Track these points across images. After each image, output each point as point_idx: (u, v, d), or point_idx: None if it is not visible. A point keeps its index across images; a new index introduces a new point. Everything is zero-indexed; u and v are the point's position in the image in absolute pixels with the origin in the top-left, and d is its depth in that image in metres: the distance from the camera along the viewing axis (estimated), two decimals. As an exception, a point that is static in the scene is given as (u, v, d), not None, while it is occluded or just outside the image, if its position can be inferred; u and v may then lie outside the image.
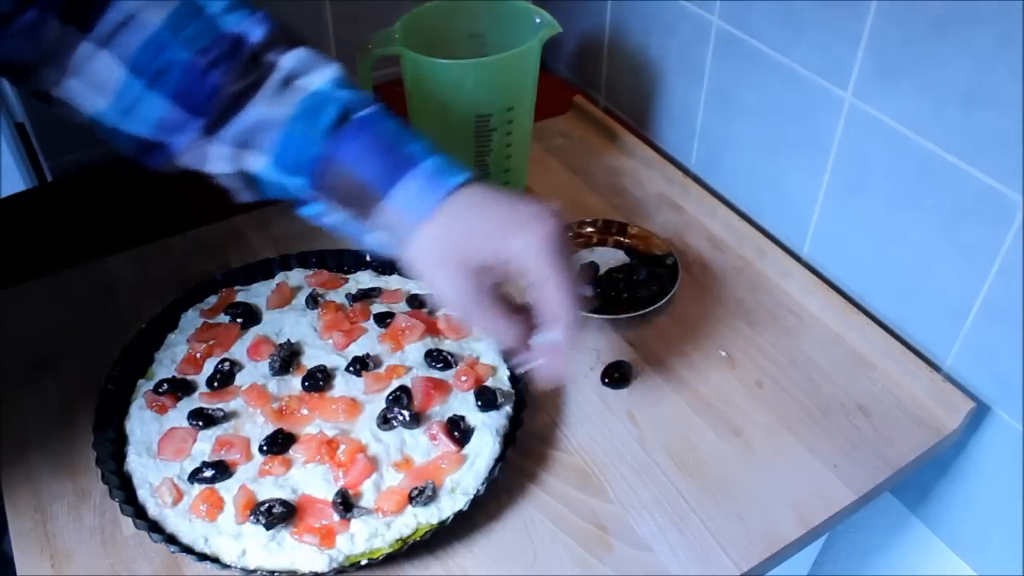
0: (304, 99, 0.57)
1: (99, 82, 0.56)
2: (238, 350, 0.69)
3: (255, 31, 0.57)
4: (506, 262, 0.54)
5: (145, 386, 0.67)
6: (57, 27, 0.55)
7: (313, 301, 0.73)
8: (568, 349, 0.56)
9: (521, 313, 0.57)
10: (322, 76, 0.57)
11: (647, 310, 0.76)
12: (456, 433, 0.62)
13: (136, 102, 0.57)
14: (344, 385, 0.66)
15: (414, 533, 0.58)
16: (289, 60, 0.57)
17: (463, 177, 0.56)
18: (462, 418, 0.64)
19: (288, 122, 0.56)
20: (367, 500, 0.59)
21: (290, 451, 0.62)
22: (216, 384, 0.66)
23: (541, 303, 0.55)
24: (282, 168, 0.57)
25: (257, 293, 0.74)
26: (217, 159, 0.58)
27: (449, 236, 0.55)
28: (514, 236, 0.54)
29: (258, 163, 0.58)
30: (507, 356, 0.61)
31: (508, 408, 0.66)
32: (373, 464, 0.61)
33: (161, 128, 0.57)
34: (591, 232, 0.85)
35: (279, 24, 0.58)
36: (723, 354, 0.74)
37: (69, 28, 0.55)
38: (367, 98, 0.58)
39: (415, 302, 0.73)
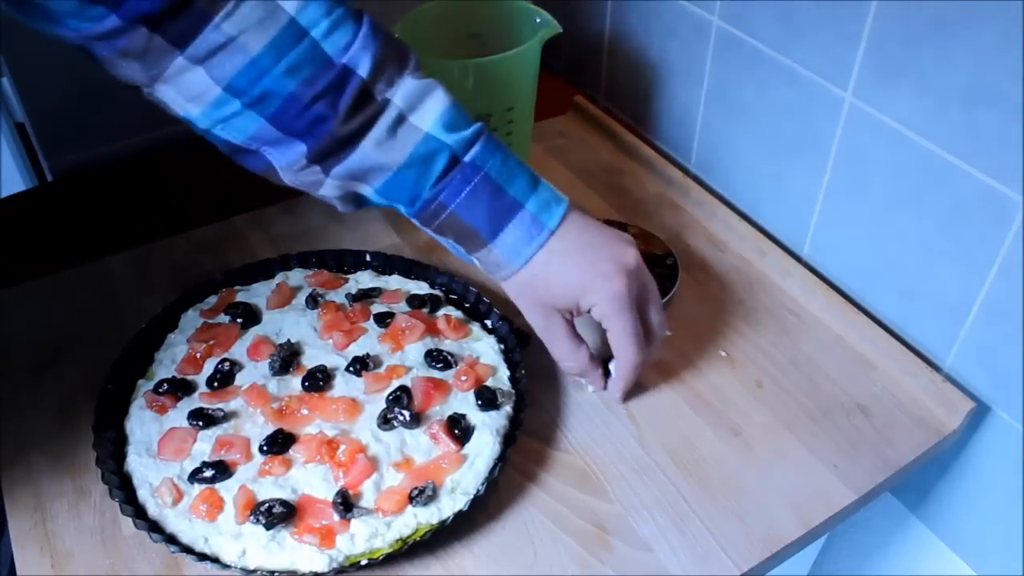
0: (417, 146, 0.59)
1: (193, 94, 0.58)
2: (238, 350, 0.69)
3: (363, 61, 0.58)
4: (581, 309, 0.63)
5: (145, 386, 0.67)
6: (146, 35, 0.56)
7: (313, 301, 0.73)
8: (625, 384, 0.67)
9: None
10: (432, 113, 0.60)
11: (647, 310, 0.76)
12: (456, 431, 0.62)
13: (231, 117, 0.59)
14: (344, 385, 0.66)
15: (414, 533, 0.58)
16: (400, 97, 0.59)
17: (558, 217, 0.62)
18: (463, 416, 0.64)
19: (400, 168, 0.60)
20: (367, 500, 0.59)
21: (290, 451, 0.62)
22: (216, 384, 0.66)
23: (612, 342, 0.64)
24: (388, 198, 0.62)
25: (257, 293, 0.74)
26: (329, 188, 0.63)
27: (536, 285, 0.63)
28: (589, 292, 0.62)
29: (366, 191, 0.63)
30: (574, 376, 0.70)
31: (508, 408, 0.66)
32: (373, 464, 0.61)
33: (255, 139, 0.60)
34: (591, 232, 0.85)
35: (381, 44, 0.59)
36: (723, 354, 0.74)
37: (161, 41, 0.56)
38: (473, 133, 0.61)
39: (415, 302, 0.73)
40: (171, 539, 0.57)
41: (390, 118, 0.59)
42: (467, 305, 0.75)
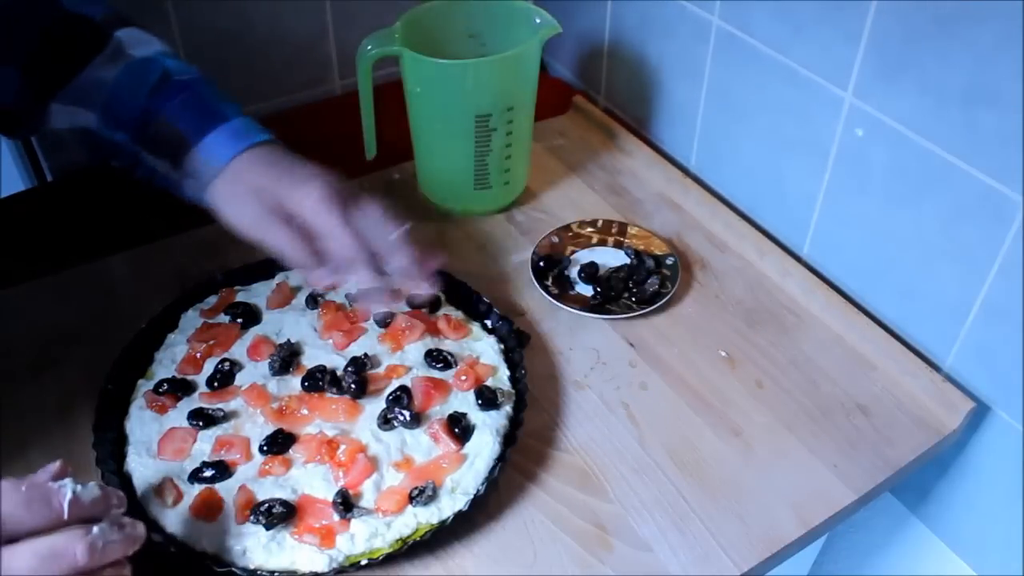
0: (131, 62, 0.66)
1: None
2: (238, 350, 0.69)
3: (95, 10, 0.66)
4: (290, 204, 0.63)
5: (145, 386, 0.67)
6: None
7: (313, 301, 0.73)
8: (384, 279, 0.65)
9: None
10: (150, 48, 0.67)
11: (647, 310, 0.76)
12: (456, 430, 0.62)
13: None
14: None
15: (414, 533, 0.58)
16: (123, 34, 0.67)
17: (262, 137, 0.66)
18: (463, 415, 0.64)
19: (116, 80, 0.65)
20: (367, 500, 0.59)
21: (290, 451, 0.62)
22: (216, 384, 0.66)
23: (334, 253, 0.63)
24: (109, 123, 0.66)
25: (257, 293, 0.74)
26: (57, 115, 0.66)
27: (246, 174, 0.64)
28: (295, 187, 0.63)
29: (89, 120, 0.66)
30: (301, 271, 0.67)
31: (508, 408, 0.66)
32: (373, 464, 0.61)
33: (16, 97, 0.65)
34: (591, 232, 0.85)
35: (114, 9, 0.68)
36: (723, 354, 0.74)
37: None
38: (189, 67, 0.68)
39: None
40: (171, 539, 0.57)
41: (112, 47, 0.66)
42: (467, 305, 0.75)
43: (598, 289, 0.77)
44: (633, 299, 0.77)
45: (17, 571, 0.43)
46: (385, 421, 0.63)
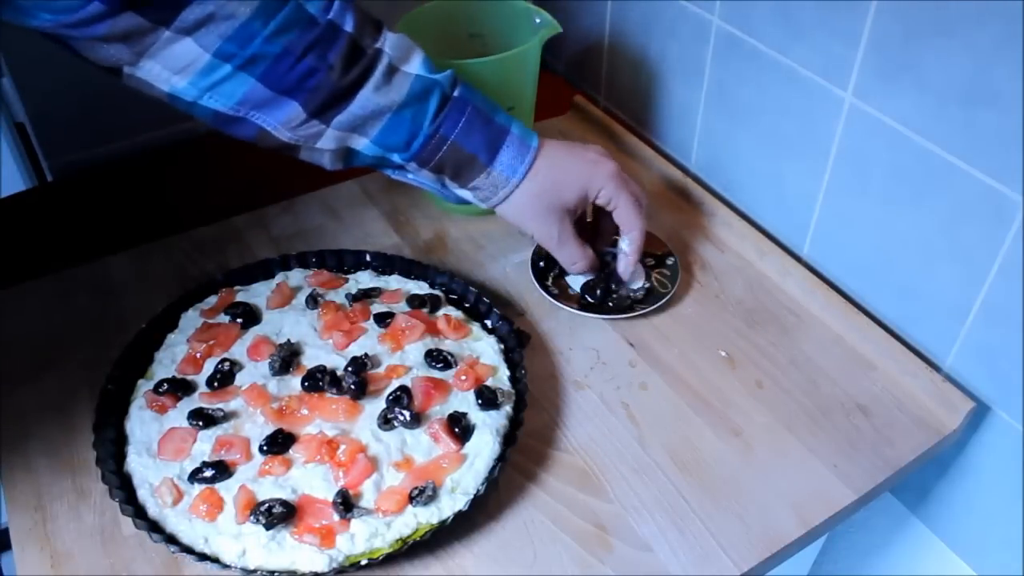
0: (411, 85, 0.65)
1: (181, 65, 0.60)
2: (238, 350, 0.69)
3: (346, 19, 0.63)
4: (589, 199, 0.71)
5: (145, 386, 0.67)
6: (131, 18, 0.57)
7: (313, 301, 0.73)
8: (639, 254, 0.75)
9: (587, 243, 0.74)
10: (417, 59, 0.66)
11: (647, 310, 0.76)
12: (456, 430, 0.62)
13: (221, 82, 0.61)
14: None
15: (414, 533, 0.58)
16: (388, 47, 0.65)
17: (537, 138, 0.70)
18: (463, 415, 0.64)
19: (398, 108, 0.65)
20: (367, 500, 0.59)
21: (290, 451, 0.62)
22: (216, 384, 0.66)
23: (618, 220, 0.73)
24: (383, 145, 0.67)
25: (257, 293, 0.74)
26: (328, 140, 0.66)
27: (544, 191, 0.69)
28: (593, 177, 0.70)
29: (361, 143, 0.66)
30: (583, 274, 0.77)
31: (508, 408, 0.66)
32: (373, 464, 0.61)
33: (244, 104, 0.62)
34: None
35: (355, 6, 0.65)
36: (723, 354, 0.74)
37: (145, 21, 0.58)
38: (452, 74, 0.68)
39: (415, 302, 0.73)
40: (171, 539, 0.57)
41: (384, 65, 0.64)
42: (467, 305, 0.75)
43: (598, 289, 0.77)
44: (633, 299, 0.77)
45: None
46: (385, 421, 0.63)
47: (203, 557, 0.56)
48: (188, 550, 0.57)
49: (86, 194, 0.91)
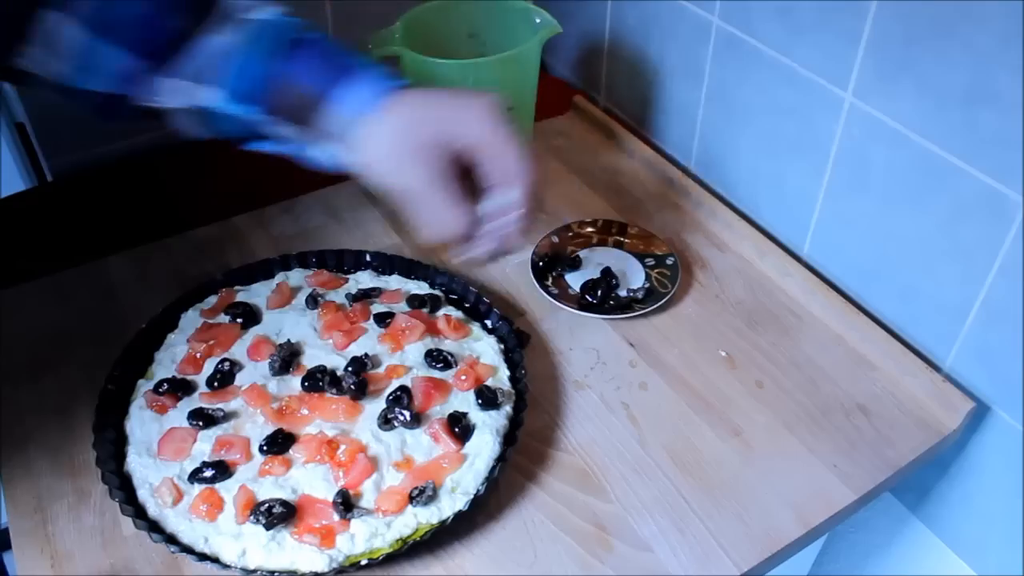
0: (256, 26, 0.59)
1: (59, 47, 0.56)
2: (238, 350, 0.69)
3: None
4: (459, 137, 0.59)
5: (145, 386, 0.67)
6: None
7: (313, 301, 0.73)
8: (526, 208, 0.61)
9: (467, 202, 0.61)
10: (271, 10, 0.60)
11: (647, 310, 0.76)
12: (456, 430, 0.62)
13: (97, 58, 0.57)
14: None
15: (414, 533, 0.58)
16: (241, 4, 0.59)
17: (405, 82, 0.60)
18: (463, 415, 0.64)
19: (242, 48, 0.58)
20: (367, 500, 0.59)
21: (290, 451, 0.62)
22: (216, 384, 0.66)
23: (496, 169, 0.60)
24: (237, 98, 0.59)
25: (257, 293, 0.74)
26: (171, 93, 0.59)
27: (402, 124, 0.58)
28: (463, 111, 0.59)
29: (213, 97, 0.59)
30: (457, 241, 0.62)
31: (508, 408, 0.66)
32: (373, 464, 0.61)
33: (123, 80, 0.58)
34: (591, 232, 0.85)
35: None
36: (723, 354, 0.74)
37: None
38: (315, 26, 0.61)
39: (415, 302, 0.73)
40: (171, 539, 0.57)
41: (228, 13, 0.59)
42: (467, 305, 0.75)
43: (598, 289, 0.77)
44: (633, 299, 0.77)
45: None
46: (385, 421, 0.63)
47: (203, 557, 0.56)
48: (188, 550, 0.57)
49: (86, 194, 0.91)
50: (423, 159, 0.59)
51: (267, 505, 0.57)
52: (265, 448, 0.61)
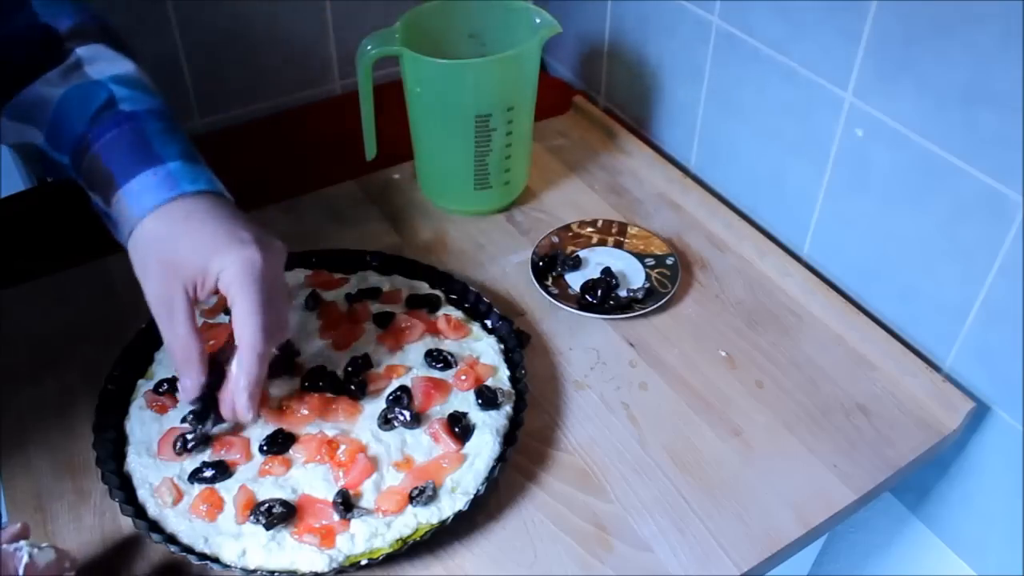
0: (80, 84, 0.59)
1: None
2: (238, 350, 0.69)
3: (63, 21, 0.60)
4: (208, 278, 0.56)
5: (145, 386, 0.67)
6: None
7: (313, 301, 0.73)
8: (247, 378, 0.57)
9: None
10: (111, 69, 0.60)
11: (647, 310, 0.76)
12: (456, 430, 0.62)
13: None
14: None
15: (414, 533, 0.58)
16: (86, 51, 0.60)
17: (200, 187, 0.58)
18: (463, 414, 0.64)
19: (60, 100, 0.59)
20: (367, 500, 0.59)
21: (290, 451, 0.62)
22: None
23: (235, 321, 0.56)
24: (52, 145, 0.60)
25: (257, 293, 0.74)
26: (6, 130, 0.61)
27: (161, 238, 0.56)
28: (218, 254, 0.56)
29: (36, 137, 0.60)
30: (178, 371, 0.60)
31: (508, 408, 0.66)
32: (373, 464, 0.61)
33: None
34: (591, 232, 0.85)
35: (97, 21, 0.62)
36: (723, 354, 0.74)
37: None
38: (150, 100, 0.60)
39: (415, 302, 0.73)
40: (171, 539, 0.57)
41: (68, 64, 0.60)
42: (467, 305, 0.75)
43: (598, 289, 0.77)
44: (633, 299, 0.77)
45: None
46: (385, 421, 0.63)
47: (203, 557, 0.56)
48: (188, 550, 0.57)
49: (86, 194, 0.91)
50: (168, 278, 0.56)
51: (267, 505, 0.57)
52: (265, 448, 0.61)
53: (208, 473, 0.60)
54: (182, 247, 0.56)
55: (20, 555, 0.47)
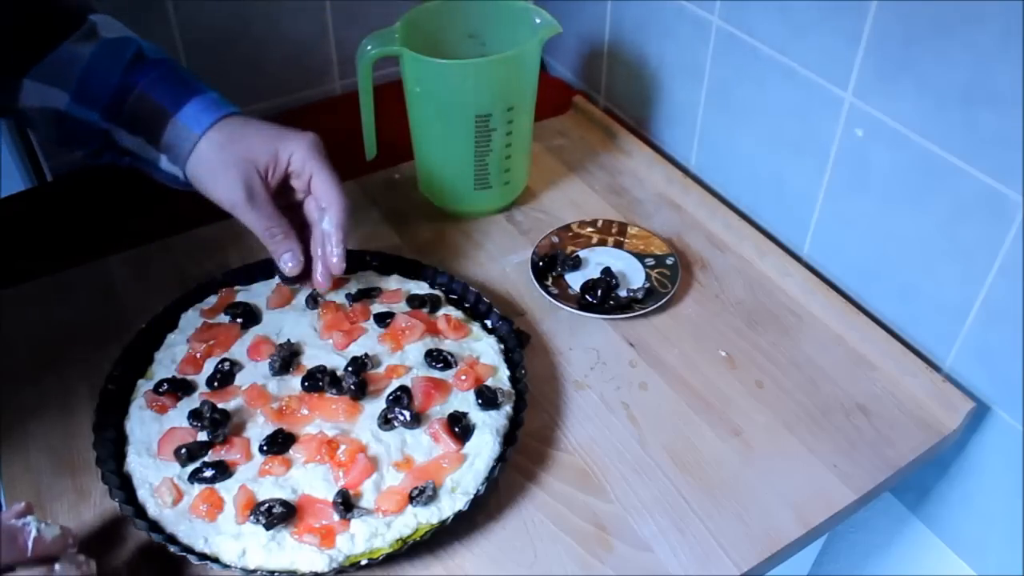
0: (106, 40, 0.66)
1: None
2: (238, 350, 0.69)
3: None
4: (280, 161, 0.66)
5: (145, 386, 0.67)
6: None
7: (313, 301, 0.73)
8: (342, 231, 0.68)
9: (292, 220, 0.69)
10: (123, 32, 0.68)
11: (647, 310, 0.76)
12: (456, 430, 0.62)
13: None
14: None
15: (414, 533, 0.58)
16: (97, 18, 0.67)
17: (237, 108, 0.68)
18: (464, 414, 0.64)
19: (92, 56, 0.65)
20: (367, 500, 0.59)
21: (290, 451, 0.62)
22: (216, 384, 0.66)
23: (316, 194, 0.68)
24: (82, 101, 0.65)
25: (257, 293, 0.74)
26: (29, 93, 0.65)
27: (228, 142, 0.66)
28: (285, 139, 0.67)
29: (60, 100, 0.65)
30: (279, 254, 0.69)
31: (508, 408, 0.66)
32: (373, 464, 0.61)
33: None
34: (591, 232, 0.85)
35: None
36: (723, 354, 0.74)
37: None
38: (160, 49, 0.68)
39: (415, 302, 0.73)
40: (171, 539, 0.57)
41: (87, 28, 0.66)
42: (467, 305, 0.75)
43: (598, 289, 0.77)
44: (633, 299, 0.77)
45: None
46: (385, 421, 0.63)
47: (203, 557, 0.56)
48: (188, 550, 0.57)
49: (86, 194, 0.91)
50: (245, 172, 0.65)
51: (267, 505, 0.57)
52: (265, 448, 0.61)
53: (208, 473, 0.60)
54: (252, 142, 0.66)
55: (29, 529, 0.49)
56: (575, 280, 0.79)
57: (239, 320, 0.71)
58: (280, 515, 0.57)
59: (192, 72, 0.69)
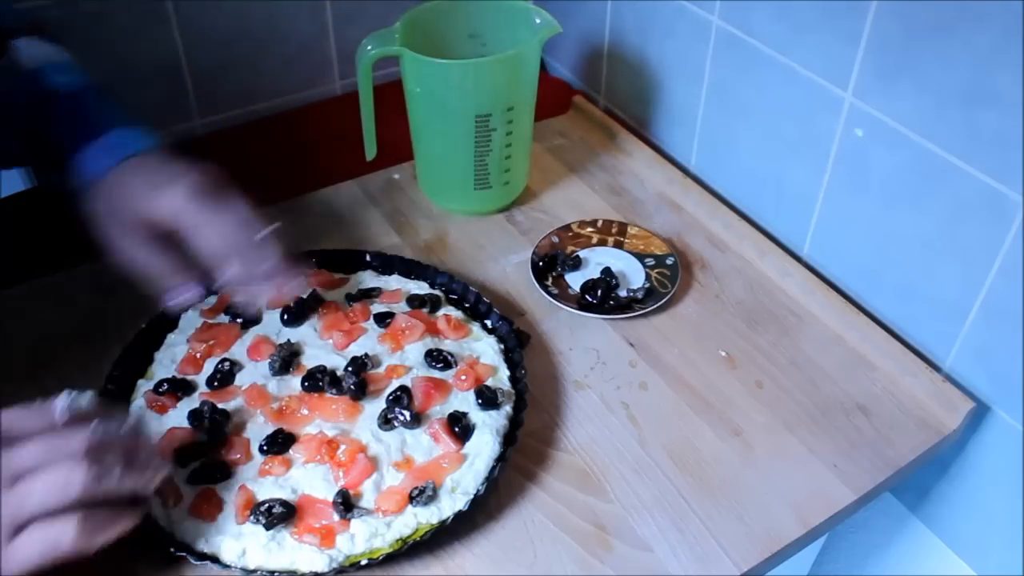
0: (20, 74, 0.64)
1: None
2: (238, 350, 0.69)
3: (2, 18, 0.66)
4: (158, 222, 0.62)
5: (145, 386, 0.67)
6: None
7: (313, 301, 0.73)
8: (255, 275, 0.63)
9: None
10: (42, 57, 0.65)
11: (647, 310, 0.76)
12: (456, 430, 0.62)
13: None
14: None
15: (414, 533, 0.58)
16: (21, 43, 0.65)
17: (137, 148, 0.64)
18: (464, 414, 0.64)
19: (3, 91, 0.64)
20: (367, 500, 0.59)
21: (290, 451, 0.62)
22: (216, 384, 0.66)
23: (203, 250, 0.62)
24: (3, 133, 0.65)
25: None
26: None
27: (113, 194, 0.63)
28: (159, 193, 0.61)
29: None
30: (160, 290, 0.66)
31: (508, 408, 0.66)
32: (373, 464, 0.61)
33: None
34: (591, 232, 0.85)
35: (27, 15, 0.68)
36: (723, 354, 0.74)
37: None
38: (79, 77, 0.66)
39: (415, 302, 0.73)
40: (171, 539, 0.57)
41: (7, 57, 0.64)
42: (467, 305, 0.75)
43: (598, 290, 0.77)
44: (633, 299, 0.77)
45: (26, 461, 0.48)
46: (385, 421, 0.63)
47: (203, 557, 0.56)
48: (188, 550, 0.57)
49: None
50: (127, 228, 0.63)
51: (267, 505, 0.57)
52: (265, 448, 0.61)
53: (208, 473, 0.60)
54: (129, 202, 0.62)
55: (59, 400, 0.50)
56: (575, 280, 0.79)
57: (239, 320, 0.71)
58: (280, 515, 0.57)
59: (106, 103, 0.66)
